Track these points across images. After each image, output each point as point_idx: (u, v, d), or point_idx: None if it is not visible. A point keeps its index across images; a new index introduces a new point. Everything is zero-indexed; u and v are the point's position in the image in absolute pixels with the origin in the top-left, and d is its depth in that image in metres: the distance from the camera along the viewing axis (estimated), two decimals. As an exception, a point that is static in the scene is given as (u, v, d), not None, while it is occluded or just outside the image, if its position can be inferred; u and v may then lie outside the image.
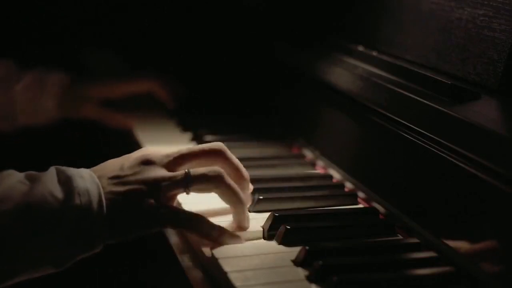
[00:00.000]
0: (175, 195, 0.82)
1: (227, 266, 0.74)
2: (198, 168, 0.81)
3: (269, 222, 0.84)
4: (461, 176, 0.77)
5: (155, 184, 0.79)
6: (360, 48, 1.09)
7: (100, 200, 0.75)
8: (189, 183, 0.79)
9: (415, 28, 0.98)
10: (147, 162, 0.81)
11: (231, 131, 1.25)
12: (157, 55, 1.63)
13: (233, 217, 0.83)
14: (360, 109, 0.99)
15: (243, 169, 0.85)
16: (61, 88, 1.34)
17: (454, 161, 0.78)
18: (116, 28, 1.65)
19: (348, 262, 0.74)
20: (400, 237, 0.85)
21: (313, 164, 1.10)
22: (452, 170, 0.78)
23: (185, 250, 0.86)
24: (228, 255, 0.77)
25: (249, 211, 0.89)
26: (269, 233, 0.83)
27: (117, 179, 0.79)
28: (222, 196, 0.82)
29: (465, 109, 0.80)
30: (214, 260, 0.76)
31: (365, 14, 1.12)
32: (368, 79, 0.99)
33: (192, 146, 0.85)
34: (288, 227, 0.81)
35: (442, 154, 0.80)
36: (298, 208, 0.91)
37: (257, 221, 0.86)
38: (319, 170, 1.08)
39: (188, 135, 1.24)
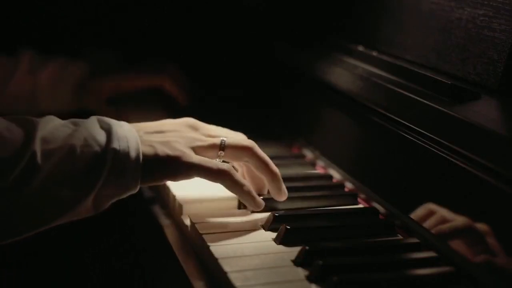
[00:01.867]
0: (208, 157, 0.86)
1: (227, 266, 0.74)
2: (233, 139, 0.88)
3: (269, 222, 0.84)
4: (461, 176, 0.77)
5: (191, 142, 0.85)
6: (360, 48, 1.09)
7: (137, 147, 0.81)
8: (223, 147, 0.86)
9: (415, 28, 0.98)
10: (189, 126, 0.89)
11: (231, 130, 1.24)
12: (157, 55, 1.63)
13: (269, 189, 0.88)
14: (360, 109, 0.99)
15: (274, 166, 0.90)
16: (80, 78, 1.39)
17: (454, 161, 0.78)
18: (116, 28, 1.65)
19: (348, 262, 0.74)
20: (400, 237, 0.85)
21: (313, 164, 1.10)
22: (452, 170, 0.78)
23: (185, 249, 0.86)
24: (228, 255, 0.77)
25: (249, 211, 0.90)
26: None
27: (157, 132, 0.86)
28: (255, 167, 0.87)
29: (465, 109, 0.80)
30: (214, 260, 0.76)
31: (365, 14, 1.12)
32: (368, 79, 0.99)
33: (231, 136, 0.92)
34: (288, 227, 0.81)
35: (442, 154, 0.80)
36: (298, 208, 0.91)
37: (257, 221, 0.86)
38: (319, 170, 1.08)
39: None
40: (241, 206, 0.92)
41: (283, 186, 0.88)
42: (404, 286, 0.73)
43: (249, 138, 1.20)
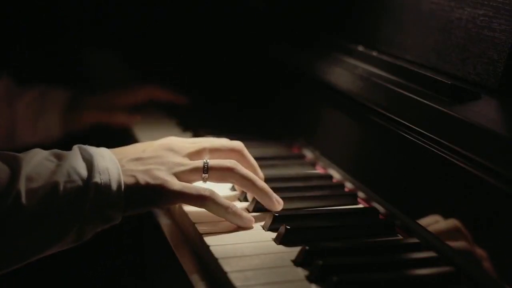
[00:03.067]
0: (191, 181, 0.86)
1: (227, 266, 0.74)
2: (215, 159, 0.87)
3: (269, 222, 0.84)
4: (461, 176, 0.77)
5: (173, 167, 0.84)
6: (360, 48, 1.09)
7: (118, 179, 0.80)
8: (206, 170, 0.85)
9: (415, 28, 0.98)
10: (169, 149, 0.87)
11: (231, 131, 1.24)
12: (158, 55, 1.63)
13: (261, 202, 0.88)
14: (360, 109, 0.99)
15: (259, 170, 0.92)
16: (62, 105, 1.34)
17: (454, 161, 0.78)
18: (116, 28, 1.65)
19: (348, 262, 0.74)
20: (400, 237, 0.85)
21: (313, 164, 1.10)
22: (452, 170, 0.78)
23: (185, 249, 0.86)
24: (228, 255, 0.77)
25: (249, 211, 0.90)
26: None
27: (137, 160, 0.84)
28: (241, 185, 0.87)
29: (465, 109, 0.80)
30: (214, 260, 0.76)
31: (365, 14, 1.12)
32: (368, 79, 0.99)
33: (213, 140, 0.91)
34: (288, 227, 0.81)
35: (442, 154, 0.80)
36: (298, 208, 0.91)
37: (257, 221, 0.86)
38: (319, 170, 1.08)
39: (188, 135, 1.24)
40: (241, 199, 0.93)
41: (274, 198, 0.87)
42: (404, 286, 0.73)
43: (249, 138, 1.21)
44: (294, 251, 0.77)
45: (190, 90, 1.48)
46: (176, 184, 0.82)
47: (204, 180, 0.86)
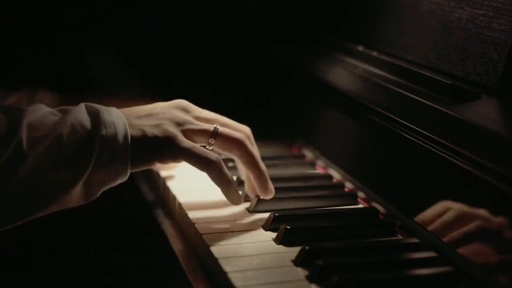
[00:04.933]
0: (197, 143, 0.85)
1: (227, 266, 0.74)
2: (226, 128, 0.86)
3: (269, 222, 0.84)
4: (461, 176, 0.77)
5: (182, 124, 0.84)
6: (360, 48, 1.09)
7: (125, 133, 0.80)
8: (215, 135, 0.85)
9: (415, 28, 0.98)
10: (181, 108, 0.87)
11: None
12: (158, 55, 1.63)
13: (255, 185, 0.87)
14: (360, 109, 0.99)
15: (260, 160, 0.89)
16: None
17: (454, 161, 0.78)
18: (116, 28, 1.65)
19: (348, 262, 0.74)
20: (400, 237, 0.85)
21: (313, 164, 1.10)
22: (452, 170, 0.78)
23: (185, 249, 0.86)
24: (228, 255, 0.77)
25: (249, 211, 0.90)
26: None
27: (146, 116, 0.84)
28: (243, 161, 0.86)
29: (465, 109, 0.80)
30: (214, 260, 0.76)
31: (365, 14, 1.12)
32: (368, 79, 0.99)
33: (226, 118, 0.91)
34: (288, 227, 0.81)
35: (442, 154, 0.80)
36: (298, 208, 0.91)
37: (257, 221, 0.86)
38: (319, 170, 1.08)
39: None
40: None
41: (270, 185, 0.87)
42: (404, 286, 0.73)
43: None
44: (294, 251, 0.77)
45: (190, 90, 1.48)
46: (185, 141, 0.82)
47: (210, 144, 0.85)
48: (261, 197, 0.88)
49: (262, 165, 0.87)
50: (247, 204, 0.91)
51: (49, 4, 1.58)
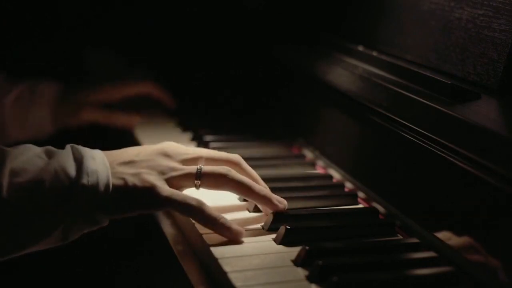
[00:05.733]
0: (183, 187, 0.84)
1: (227, 266, 0.74)
2: (209, 166, 0.84)
3: (269, 222, 0.84)
4: (461, 176, 0.77)
5: (165, 172, 0.82)
6: (360, 48, 1.09)
7: (107, 182, 0.79)
8: (199, 177, 0.83)
9: (415, 28, 0.98)
10: (164, 154, 0.84)
11: (231, 131, 1.25)
12: (158, 55, 1.63)
13: (262, 209, 0.86)
14: (360, 109, 0.99)
15: (260, 181, 0.87)
16: (52, 98, 1.31)
17: (454, 161, 0.78)
18: (117, 28, 1.65)
19: (348, 262, 0.74)
20: (400, 237, 0.85)
21: (313, 164, 1.10)
22: (452, 170, 0.78)
23: (185, 250, 0.86)
24: (228, 255, 0.77)
25: (249, 211, 0.90)
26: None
27: (129, 163, 0.82)
28: (237, 192, 0.85)
29: (465, 109, 0.80)
30: (214, 260, 0.76)
31: (365, 14, 1.12)
32: (368, 79, 0.99)
33: (211, 151, 0.88)
34: (288, 227, 0.81)
35: (442, 154, 0.80)
36: (298, 208, 0.91)
37: (257, 221, 0.86)
38: (319, 170, 1.08)
39: (188, 135, 1.24)
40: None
41: (275, 200, 0.84)
42: (404, 286, 0.73)
43: (249, 138, 1.21)
44: (294, 251, 0.77)
45: (190, 90, 1.48)
46: (165, 190, 0.80)
47: (197, 186, 0.83)
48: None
49: (257, 188, 0.84)
50: (256, 215, 0.91)
51: (49, 4, 1.58)
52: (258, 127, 1.29)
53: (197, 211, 0.80)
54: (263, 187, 0.86)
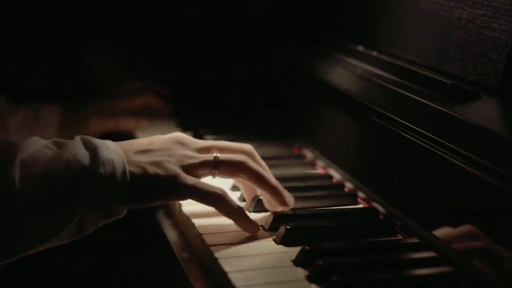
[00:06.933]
0: (200, 176, 0.83)
1: (227, 266, 0.74)
2: (225, 154, 0.84)
3: (269, 222, 0.84)
4: (461, 176, 0.77)
5: (182, 160, 0.81)
6: (360, 48, 1.09)
7: (124, 171, 0.77)
8: (217, 165, 0.82)
9: (415, 28, 0.98)
10: (178, 142, 0.84)
11: (231, 131, 1.25)
12: (158, 55, 1.63)
13: (271, 200, 0.86)
14: (360, 109, 0.99)
15: (270, 174, 0.87)
16: (57, 120, 1.30)
17: (454, 161, 0.78)
18: (118, 29, 1.65)
19: (348, 262, 0.74)
20: (400, 237, 0.85)
21: (313, 164, 1.10)
22: (452, 170, 0.78)
23: (185, 249, 0.86)
24: (228, 255, 0.77)
25: (249, 211, 0.90)
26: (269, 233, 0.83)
27: (145, 152, 0.81)
28: (252, 181, 0.84)
29: (465, 109, 0.80)
30: (214, 260, 0.76)
31: (365, 14, 1.12)
32: (368, 79, 0.99)
33: (224, 141, 0.88)
34: (288, 227, 0.81)
35: (442, 154, 0.80)
36: (298, 208, 0.91)
37: (257, 221, 0.86)
38: (319, 170, 1.08)
39: (188, 135, 1.24)
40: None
41: (286, 196, 0.85)
42: (404, 286, 0.73)
43: (249, 138, 1.21)
44: (294, 251, 0.77)
45: (190, 90, 1.48)
46: (189, 178, 0.79)
47: (214, 175, 0.83)
48: (283, 209, 0.86)
49: (273, 179, 0.85)
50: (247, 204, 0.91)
51: (49, 4, 1.58)
52: (258, 127, 1.29)
53: (223, 200, 0.80)
54: (276, 181, 0.85)
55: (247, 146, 0.87)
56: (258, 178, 0.84)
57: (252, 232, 0.82)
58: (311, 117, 1.16)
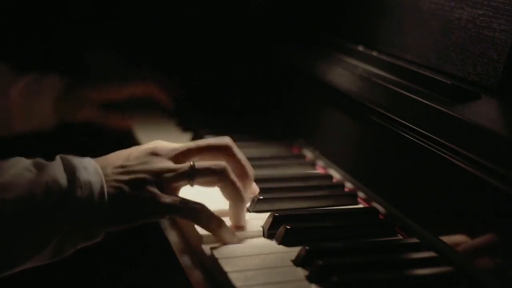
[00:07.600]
0: (179, 186, 0.83)
1: (227, 266, 0.74)
2: (203, 162, 0.83)
3: (269, 222, 0.84)
4: (461, 176, 0.77)
5: (159, 174, 0.80)
6: (360, 48, 1.09)
7: (101, 192, 0.76)
8: (193, 175, 0.81)
9: (415, 28, 0.98)
10: (154, 154, 0.83)
11: (231, 131, 1.24)
12: (159, 55, 1.63)
13: (231, 213, 0.84)
14: (360, 109, 0.99)
15: (249, 167, 0.86)
16: (56, 91, 1.31)
17: (454, 161, 0.78)
18: (118, 29, 1.65)
19: (348, 262, 0.74)
20: (400, 237, 0.85)
21: (313, 164, 1.10)
22: (452, 170, 0.78)
23: (185, 249, 0.86)
24: (228, 255, 0.77)
25: (249, 211, 0.90)
26: (269, 232, 0.83)
27: (122, 168, 0.80)
28: (224, 190, 0.83)
29: (465, 109, 0.80)
30: (214, 260, 0.76)
31: (365, 14, 1.12)
32: (368, 79, 0.99)
33: (199, 141, 0.87)
34: (288, 227, 0.81)
35: (442, 154, 0.80)
36: (298, 208, 0.91)
37: (257, 221, 0.86)
38: (319, 170, 1.08)
39: (188, 135, 1.24)
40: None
41: (241, 220, 0.83)
42: (404, 286, 0.73)
43: (249, 138, 1.21)
44: (294, 251, 0.77)
45: (190, 90, 1.48)
46: (166, 198, 0.78)
47: (192, 184, 0.82)
48: (234, 227, 0.84)
49: (245, 196, 0.83)
50: (247, 204, 0.91)
51: (50, 4, 1.58)
52: (258, 127, 1.29)
53: (202, 215, 0.80)
54: (245, 201, 0.84)
55: (224, 140, 0.85)
56: (233, 190, 0.82)
57: (232, 242, 0.80)
58: (311, 117, 1.16)
